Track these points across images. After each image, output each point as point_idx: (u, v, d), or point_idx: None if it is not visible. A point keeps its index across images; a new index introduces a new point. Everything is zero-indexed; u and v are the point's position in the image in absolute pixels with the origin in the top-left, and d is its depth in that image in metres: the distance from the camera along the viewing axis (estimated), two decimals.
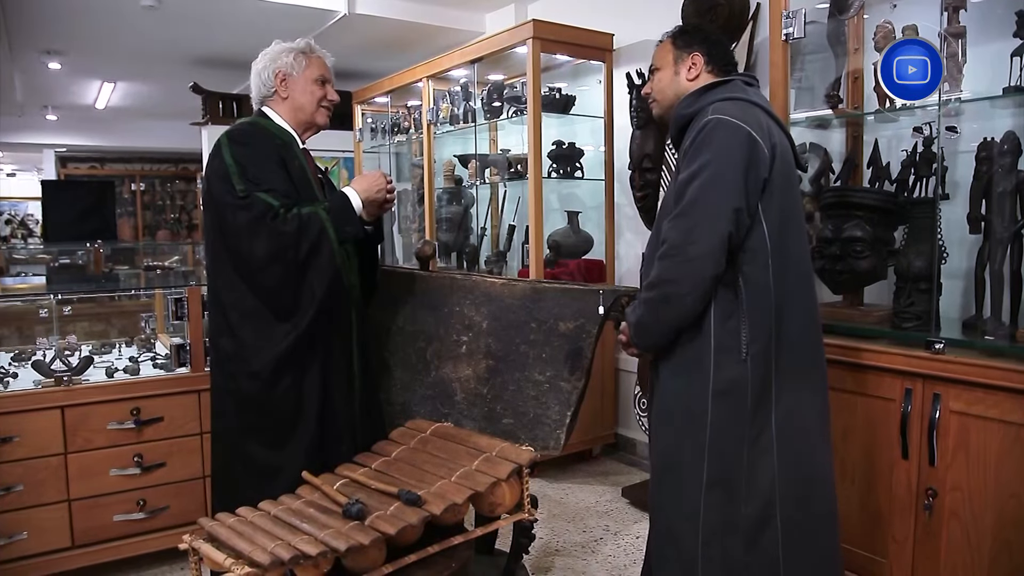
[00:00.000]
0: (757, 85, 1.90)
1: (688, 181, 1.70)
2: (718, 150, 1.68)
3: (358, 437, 2.17)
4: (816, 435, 1.80)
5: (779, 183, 1.72)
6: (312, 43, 2.22)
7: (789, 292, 1.73)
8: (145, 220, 11.65)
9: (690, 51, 1.88)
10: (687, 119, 1.83)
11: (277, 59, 2.15)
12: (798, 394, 1.76)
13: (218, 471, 2.19)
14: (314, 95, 2.17)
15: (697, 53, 1.88)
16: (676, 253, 1.69)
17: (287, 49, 2.16)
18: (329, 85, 2.22)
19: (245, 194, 1.97)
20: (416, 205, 4.86)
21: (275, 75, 2.14)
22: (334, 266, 2.01)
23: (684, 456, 1.76)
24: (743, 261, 1.71)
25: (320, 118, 2.21)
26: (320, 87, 2.18)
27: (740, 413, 1.71)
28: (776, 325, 1.71)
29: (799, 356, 1.76)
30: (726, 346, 1.71)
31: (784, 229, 1.73)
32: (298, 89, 2.16)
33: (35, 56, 5.43)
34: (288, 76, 2.15)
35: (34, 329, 3.34)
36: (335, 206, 2.06)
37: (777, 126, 1.79)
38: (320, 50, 2.23)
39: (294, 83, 2.15)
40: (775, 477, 1.72)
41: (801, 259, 1.79)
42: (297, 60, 2.15)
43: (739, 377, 1.70)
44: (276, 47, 2.18)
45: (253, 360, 2.03)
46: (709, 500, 1.73)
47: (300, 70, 2.15)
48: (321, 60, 2.21)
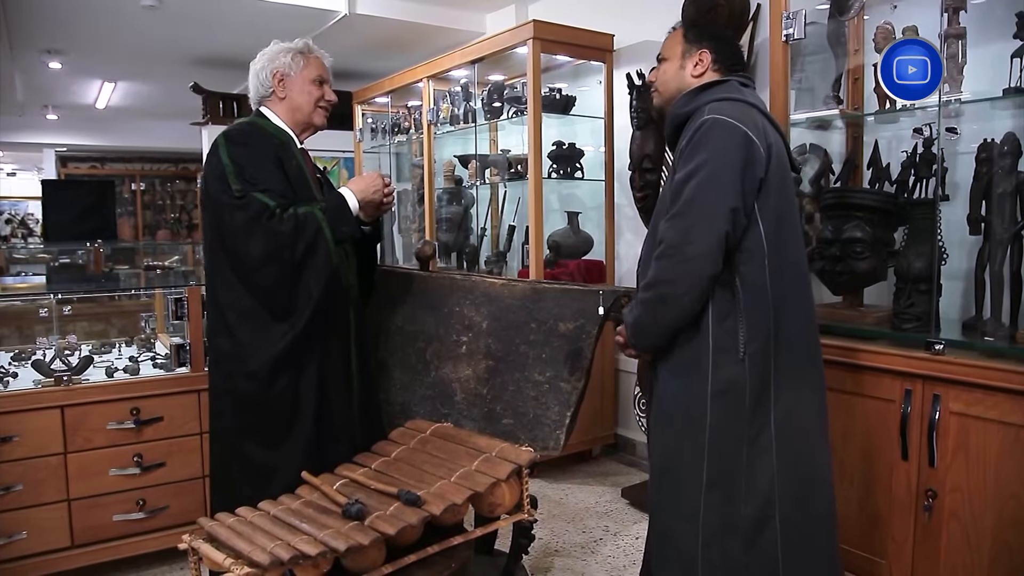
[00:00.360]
0: (753, 86, 1.90)
1: (684, 181, 1.70)
2: (715, 150, 1.67)
3: (356, 437, 2.17)
4: (815, 435, 1.81)
5: (775, 183, 1.72)
6: (311, 43, 2.21)
7: (786, 292, 1.74)
8: (145, 220, 11.65)
9: (699, 47, 1.87)
10: (683, 118, 1.83)
11: (275, 59, 2.15)
12: (797, 393, 1.76)
13: (216, 471, 2.19)
14: (312, 95, 2.17)
15: (705, 50, 1.86)
16: (673, 253, 1.69)
17: (285, 49, 2.16)
18: (327, 85, 2.21)
19: (241, 194, 1.96)
20: (416, 205, 4.86)
21: (273, 75, 2.14)
22: (330, 266, 2.01)
23: (683, 457, 1.76)
24: (740, 261, 1.70)
25: (317, 118, 2.21)
26: (318, 87, 2.18)
27: (739, 413, 1.71)
28: (774, 325, 1.71)
29: (797, 355, 1.76)
30: (724, 346, 1.71)
31: (780, 229, 1.73)
32: (296, 89, 2.16)
33: (35, 56, 5.43)
34: (286, 76, 2.15)
35: (34, 329, 3.34)
36: (331, 206, 2.06)
37: (772, 127, 1.79)
38: (318, 50, 2.22)
39: (292, 83, 2.15)
40: (774, 477, 1.72)
41: (798, 259, 1.80)
42: (295, 60, 2.15)
43: (737, 377, 1.70)
44: (274, 47, 2.18)
45: (250, 360, 2.02)
46: (709, 500, 1.72)
47: (298, 70, 2.15)
48: (319, 60, 2.20)
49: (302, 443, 2.05)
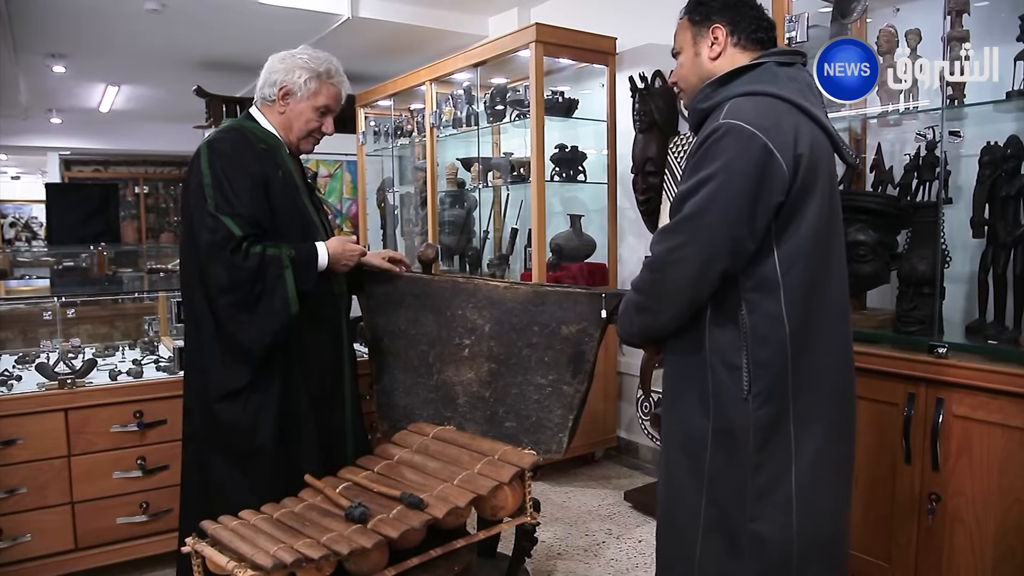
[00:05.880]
0: (800, 61, 1.58)
1: (686, 196, 1.48)
2: (725, 164, 1.42)
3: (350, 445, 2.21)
4: (841, 492, 1.60)
5: (803, 200, 1.45)
6: (333, 68, 2.12)
7: (814, 324, 1.49)
8: (148, 223, 11.66)
9: (709, 24, 1.58)
10: (703, 115, 1.56)
11: (290, 73, 2.07)
12: (823, 443, 1.52)
13: (184, 469, 2.18)
14: (308, 124, 2.12)
15: (718, 25, 1.57)
16: (655, 270, 1.53)
17: (303, 67, 2.08)
18: (330, 117, 2.15)
19: (213, 213, 1.93)
20: (419, 208, 4.87)
21: (279, 88, 2.08)
22: (288, 312, 1.97)
23: (685, 482, 1.60)
24: (747, 288, 1.48)
25: (305, 146, 2.17)
26: (318, 118, 2.12)
27: (740, 458, 1.50)
28: (793, 362, 1.47)
29: (826, 397, 1.52)
30: (724, 382, 1.50)
31: (810, 252, 1.47)
32: (295, 111, 2.10)
33: (40, 59, 5.45)
34: (291, 95, 2.09)
35: (38, 332, 3.34)
36: (300, 257, 2.02)
37: (812, 124, 1.49)
38: (339, 76, 2.14)
39: (295, 104, 2.10)
40: (793, 539, 1.49)
41: (834, 286, 1.54)
42: (308, 84, 2.08)
43: (739, 419, 1.49)
44: (300, 57, 2.09)
45: (221, 375, 2.01)
46: (705, 546, 1.56)
47: (305, 95, 2.09)
48: (334, 90, 2.13)
49: (269, 464, 2.02)
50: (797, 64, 1.57)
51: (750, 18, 1.58)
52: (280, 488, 1.96)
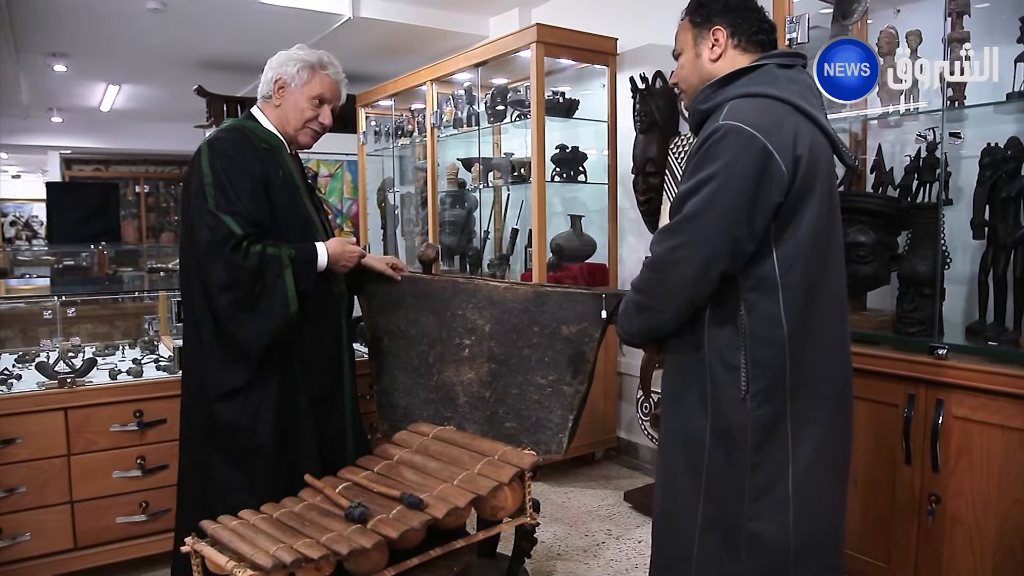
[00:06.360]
0: (800, 63, 1.60)
1: (686, 197, 1.49)
2: (724, 165, 1.44)
3: (350, 445, 2.21)
4: (838, 491, 1.61)
5: (799, 201, 1.46)
6: (327, 59, 2.14)
7: (813, 324, 1.50)
8: (149, 222, 11.68)
9: (710, 26, 1.59)
10: (703, 115, 1.58)
11: (283, 65, 2.10)
12: (821, 443, 1.53)
13: (182, 470, 2.18)
14: (303, 114, 2.11)
15: (719, 27, 1.59)
16: (656, 270, 1.55)
17: (296, 59, 2.10)
18: (326, 107, 2.14)
19: (213, 211, 1.93)
20: (419, 208, 4.87)
21: (275, 80, 2.11)
22: (287, 312, 1.98)
23: (683, 480, 1.60)
24: (746, 288, 1.49)
25: (303, 138, 2.16)
26: (313, 107, 2.11)
27: (739, 457, 1.51)
28: (791, 362, 1.48)
29: (824, 397, 1.54)
30: (722, 381, 1.51)
31: (809, 253, 1.48)
32: (290, 102, 2.11)
33: (40, 58, 5.45)
34: (286, 86, 2.10)
35: (38, 331, 3.35)
36: (300, 257, 2.02)
37: (811, 125, 1.51)
38: (334, 69, 2.15)
39: (289, 95, 2.10)
40: (790, 538, 1.50)
41: (832, 287, 1.55)
42: (300, 73, 2.09)
43: (737, 418, 1.50)
44: (292, 53, 2.12)
45: (220, 374, 2.01)
46: (703, 545, 1.57)
47: (299, 84, 2.09)
48: (328, 80, 2.13)
49: (268, 463, 2.02)
50: (797, 66, 1.59)
51: (751, 20, 1.60)
52: (279, 488, 1.96)
